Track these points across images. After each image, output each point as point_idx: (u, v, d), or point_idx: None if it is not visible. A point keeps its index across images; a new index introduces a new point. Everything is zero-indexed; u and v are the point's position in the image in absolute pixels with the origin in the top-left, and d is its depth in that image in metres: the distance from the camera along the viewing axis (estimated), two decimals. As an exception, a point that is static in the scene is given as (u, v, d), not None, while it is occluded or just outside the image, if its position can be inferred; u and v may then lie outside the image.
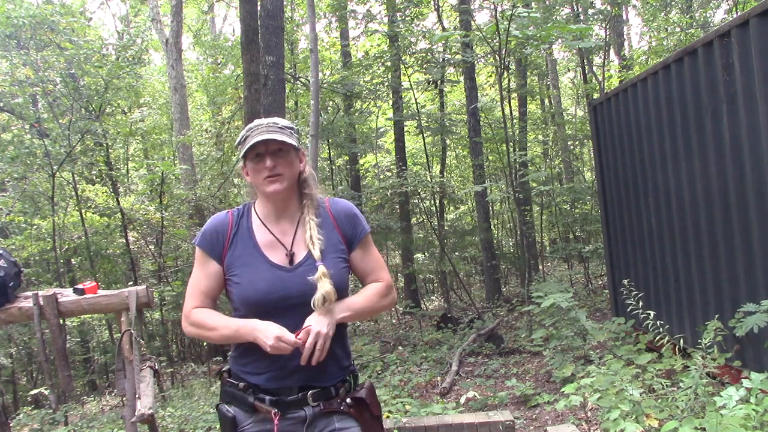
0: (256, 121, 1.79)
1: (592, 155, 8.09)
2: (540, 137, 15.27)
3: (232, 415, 1.75)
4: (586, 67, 12.09)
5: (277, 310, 1.70)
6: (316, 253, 1.72)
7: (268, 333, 1.62)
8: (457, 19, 13.01)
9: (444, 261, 10.89)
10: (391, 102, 13.65)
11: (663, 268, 5.31)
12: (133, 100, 13.06)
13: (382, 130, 14.97)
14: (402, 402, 4.79)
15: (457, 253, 12.75)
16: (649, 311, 4.58)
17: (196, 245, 1.82)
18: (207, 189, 12.20)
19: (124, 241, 10.93)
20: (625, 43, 15.37)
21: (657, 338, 4.51)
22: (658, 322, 4.56)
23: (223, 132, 13.75)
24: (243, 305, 1.74)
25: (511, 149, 9.02)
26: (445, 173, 15.07)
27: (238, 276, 1.75)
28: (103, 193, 11.66)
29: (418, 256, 12.85)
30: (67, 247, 10.78)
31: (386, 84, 12.81)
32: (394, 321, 11.74)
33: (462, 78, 12.31)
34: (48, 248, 10.09)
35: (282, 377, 1.72)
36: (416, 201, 12.27)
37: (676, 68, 4.80)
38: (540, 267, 13.14)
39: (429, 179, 11.98)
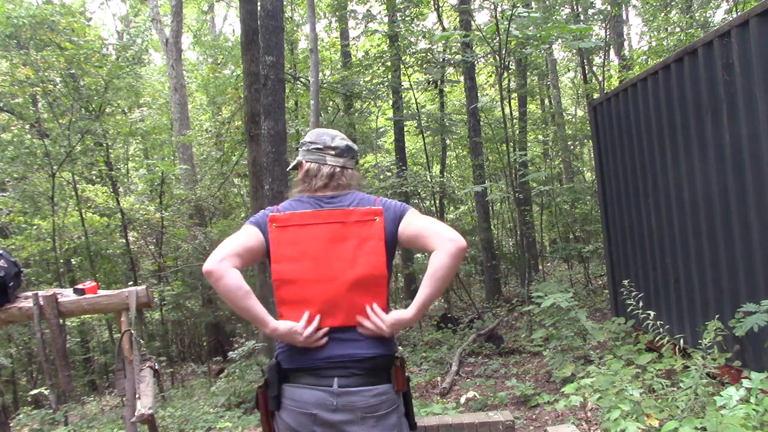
0: (329, 137, 2.04)
1: (592, 155, 8.09)
2: (540, 137, 15.27)
3: None
4: (586, 67, 12.09)
5: None
6: None
7: None
8: (457, 19, 13.01)
9: (444, 261, 10.84)
10: (391, 102, 13.64)
11: (663, 268, 5.31)
12: (133, 100, 13.06)
13: (382, 130, 14.96)
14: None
15: (457, 253, 12.69)
16: (649, 311, 4.58)
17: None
18: (207, 189, 12.20)
19: (124, 241, 10.93)
20: (625, 43, 15.35)
21: (657, 338, 4.51)
22: (658, 322, 4.56)
23: (223, 132, 13.74)
24: None
25: (511, 149, 9.01)
26: (445, 173, 15.06)
27: None
28: (103, 193, 11.66)
29: (418, 256, 12.84)
30: (67, 247, 10.78)
31: (386, 84, 12.80)
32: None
33: (462, 78, 12.30)
34: (48, 248, 10.09)
35: None
36: (416, 201, 12.25)
37: (676, 68, 4.80)
38: (540, 267, 13.13)
39: (429, 179, 11.96)
